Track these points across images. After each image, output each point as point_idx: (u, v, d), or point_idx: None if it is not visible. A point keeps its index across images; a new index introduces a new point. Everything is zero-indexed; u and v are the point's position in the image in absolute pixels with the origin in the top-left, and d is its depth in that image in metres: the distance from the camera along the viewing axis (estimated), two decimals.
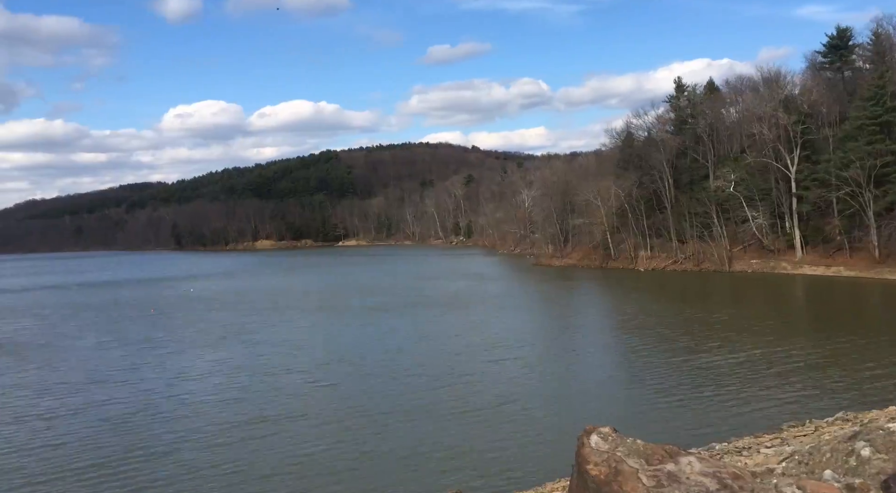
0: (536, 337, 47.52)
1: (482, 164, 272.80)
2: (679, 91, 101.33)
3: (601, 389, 32.46)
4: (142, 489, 21.89)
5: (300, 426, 27.81)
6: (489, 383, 33.69)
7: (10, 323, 65.14)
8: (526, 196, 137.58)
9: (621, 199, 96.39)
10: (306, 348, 45.61)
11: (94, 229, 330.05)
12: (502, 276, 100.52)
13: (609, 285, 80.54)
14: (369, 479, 21.86)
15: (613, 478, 6.46)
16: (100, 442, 26.80)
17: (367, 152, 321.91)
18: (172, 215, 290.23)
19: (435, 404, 30.07)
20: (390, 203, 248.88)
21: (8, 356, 46.70)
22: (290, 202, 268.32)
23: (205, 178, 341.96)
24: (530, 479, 20.00)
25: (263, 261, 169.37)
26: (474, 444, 24.70)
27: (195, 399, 32.91)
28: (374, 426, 27.33)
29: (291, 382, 35.87)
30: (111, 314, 69.23)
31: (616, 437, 7.32)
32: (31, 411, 31.96)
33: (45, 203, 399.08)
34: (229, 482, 22.06)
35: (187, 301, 78.96)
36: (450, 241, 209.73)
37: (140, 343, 49.43)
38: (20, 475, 23.44)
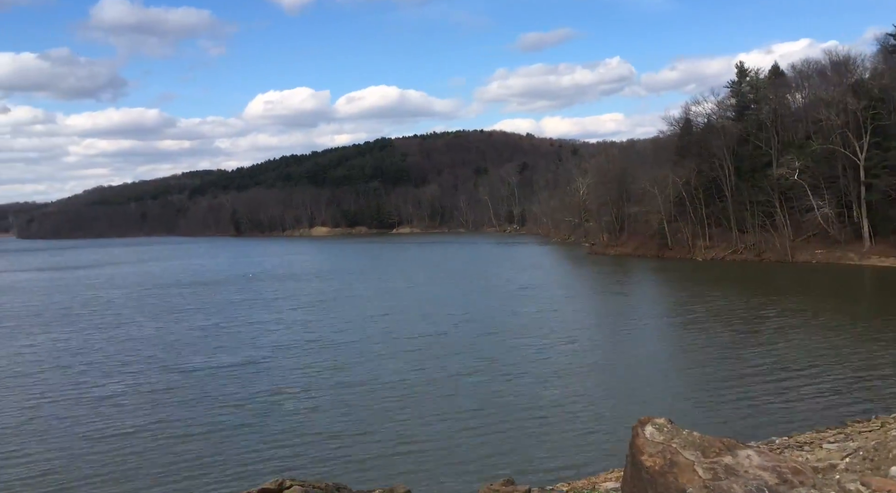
0: (590, 326, 47.07)
1: (536, 151, 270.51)
2: (741, 76, 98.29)
3: (656, 380, 31.99)
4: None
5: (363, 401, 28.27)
6: (542, 372, 33.57)
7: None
8: (581, 184, 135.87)
9: (679, 187, 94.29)
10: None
11: (158, 216, 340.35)
12: (556, 264, 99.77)
13: (666, 274, 79.06)
14: (421, 462, 22.08)
15: (668, 469, 6.40)
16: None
17: (422, 140, 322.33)
18: (232, 202, 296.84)
19: (487, 393, 30.13)
20: (444, 191, 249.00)
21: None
22: (345, 190, 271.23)
23: (263, 165, 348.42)
24: (583, 469, 19.92)
25: (334, 248, 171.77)
26: (526, 432, 24.68)
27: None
28: (430, 409, 27.56)
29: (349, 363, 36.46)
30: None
31: (671, 428, 7.23)
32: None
33: (112, 190, 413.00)
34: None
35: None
36: (503, 229, 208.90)
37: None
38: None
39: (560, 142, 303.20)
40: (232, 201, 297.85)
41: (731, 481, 4.55)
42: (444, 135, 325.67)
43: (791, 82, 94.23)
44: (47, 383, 34.97)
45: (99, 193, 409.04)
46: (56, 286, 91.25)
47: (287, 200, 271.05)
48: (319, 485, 10.39)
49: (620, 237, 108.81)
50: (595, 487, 12.38)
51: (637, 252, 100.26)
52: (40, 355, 42.94)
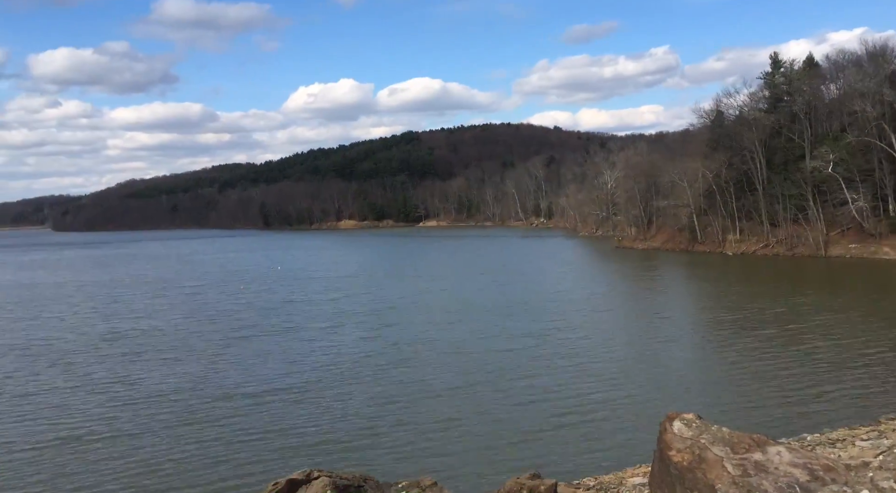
0: (618, 321, 46.76)
1: (564, 144, 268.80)
2: (775, 68, 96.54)
3: (685, 375, 31.69)
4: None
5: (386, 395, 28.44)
6: (570, 366, 33.45)
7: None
8: (608, 177, 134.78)
9: (709, 180, 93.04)
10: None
11: (188, 209, 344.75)
12: (583, 258, 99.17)
13: (695, 269, 78.18)
14: (448, 454, 22.15)
15: (697, 465, 6.35)
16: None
17: (449, 133, 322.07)
18: (261, 195, 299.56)
19: (514, 387, 30.11)
20: (471, 184, 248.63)
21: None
22: (373, 183, 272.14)
23: (292, 159, 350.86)
24: (610, 464, 19.82)
25: (371, 243, 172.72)
26: (553, 426, 24.63)
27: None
28: (456, 402, 27.63)
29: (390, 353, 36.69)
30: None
31: (700, 424, 7.17)
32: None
33: (144, 183, 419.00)
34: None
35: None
36: (530, 222, 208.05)
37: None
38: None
39: (588, 135, 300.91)
40: (261, 195, 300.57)
41: (761, 477, 4.49)
42: (471, 128, 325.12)
43: (826, 73, 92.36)
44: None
45: (131, 187, 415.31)
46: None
47: (315, 194, 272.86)
48: (346, 476, 10.47)
49: (649, 231, 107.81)
50: (622, 482, 12.32)
51: (666, 246, 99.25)
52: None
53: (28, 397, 31.23)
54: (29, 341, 45.46)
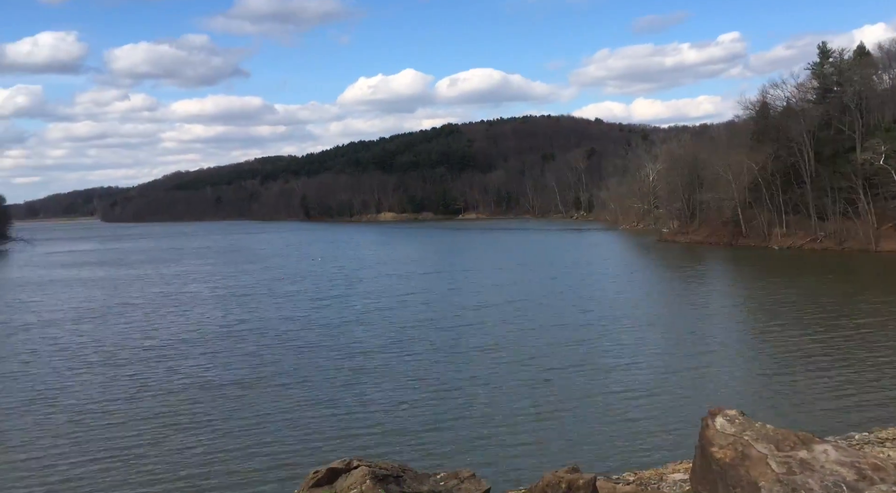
0: (660, 315, 46.19)
1: (605, 136, 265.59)
2: (823, 57, 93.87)
3: (728, 371, 31.19)
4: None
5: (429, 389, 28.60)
6: (610, 360, 33.21)
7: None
8: (651, 170, 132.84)
9: (755, 173, 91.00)
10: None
11: (231, 200, 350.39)
12: (625, 252, 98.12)
13: (740, 263, 76.71)
14: (487, 447, 22.20)
15: (740, 462, 6.26)
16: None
17: (489, 125, 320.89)
18: (302, 187, 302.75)
19: (555, 380, 30.02)
20: (510, 176, 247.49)
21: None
22: (412, 175, 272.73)
23: (332, 151, 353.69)
24: (650, 459, 19.63)
25: (411, 234, 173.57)
26: (593, 420, 24.51)
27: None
28: (495, 395, 27.66)
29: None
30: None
31: (743, 420, 7.06)
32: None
33: (189, 175, 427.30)
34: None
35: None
36: (570, 215, 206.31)
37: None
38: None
39: (630, 127, 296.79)
40: (302, 187, 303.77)
41: (807, 475, 4.41)
42: (511, 120, 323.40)
43: (878, 63, 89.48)
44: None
45: (177, 178, 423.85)
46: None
47: (355, 186, 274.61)
48: (385, 466, 10.57)
49: (691, 224, 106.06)
50: (662, 477, 12.19)
51: (709, 240, 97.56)
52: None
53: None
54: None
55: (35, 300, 63.75)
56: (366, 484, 9.84)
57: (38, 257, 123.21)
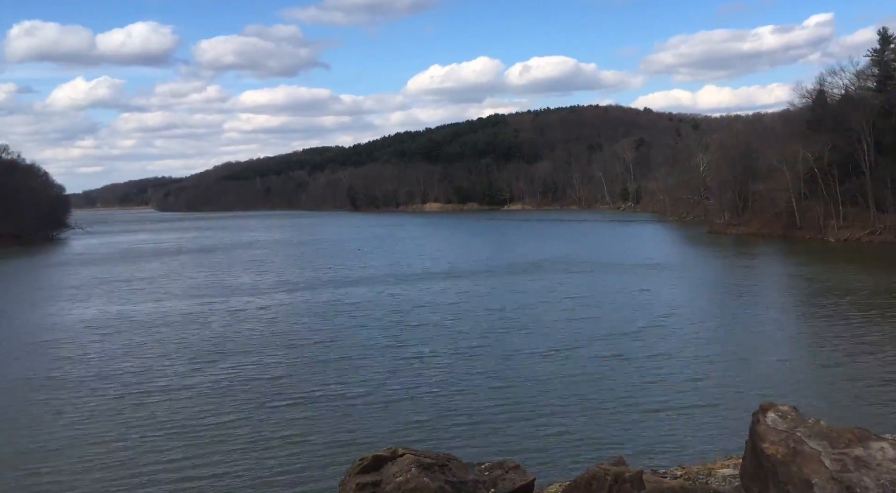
0: (710, 308, 45.36)
1: (654, 126, 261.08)
2: (884, 44, 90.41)
3: (781, 365, 30.49)
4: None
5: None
6: (659, 354, 32.78)
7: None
8: (701, 160, 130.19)
9: (810, 163, 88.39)
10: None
11: (280, 190, 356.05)
12: (674, 243, 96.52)
13: (794, 256, 74.69)
14: (533, 438, 22.18)
15: (792, 459, 6.14)
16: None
17: (535, 116, 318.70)
18: (349, 178, 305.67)
19: (601, 372, 29.78)
20: (556, 167, 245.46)
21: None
22: (458, 166, 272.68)
23: (379, 142, 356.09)
24: (698, 454, 19.37)
25: (460, 224, 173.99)
26: (640, 413, 24.25)
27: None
28: (544, 387, 27.60)
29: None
30: None
31: (796, 416, 6.91)
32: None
33: (239, 165, 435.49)
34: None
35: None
36: (617, 206, 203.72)
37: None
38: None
39: (679, 116, 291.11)
40: (349, 177, 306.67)
41: (862, 473, 4.30)
42: (557, 110, 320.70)
43: None
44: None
45: (227, 169, 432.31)
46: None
47: (401, 176, 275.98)
48: (430, 455, 10.67)
49: (743, 216, 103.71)
50: (711, 473, 12.00)
51: (761, 232, 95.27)
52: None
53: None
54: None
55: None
56: (411, 472, 9.96)
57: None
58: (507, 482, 10.46)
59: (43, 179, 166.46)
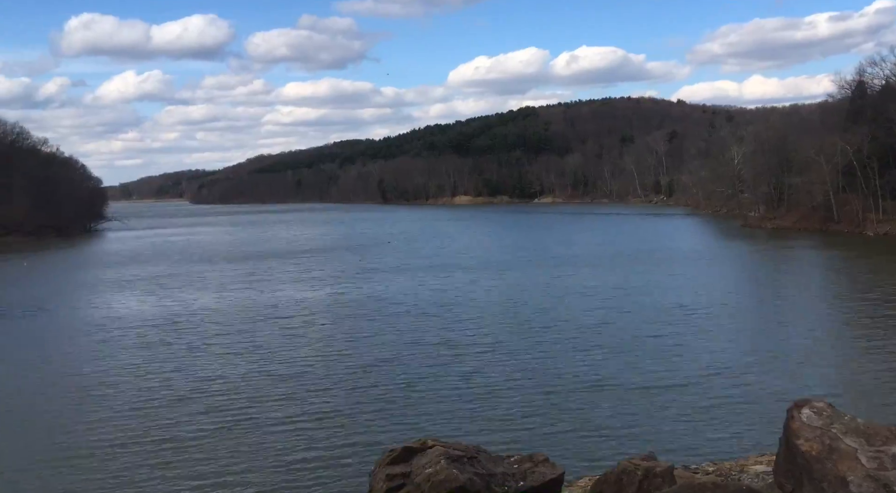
0: (745, 303, 44.71)
1: (687, 118, 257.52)
2: None
3: (816, 360, 29.96)
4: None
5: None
6: (691, 348, 32.43)
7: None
8: (736, 153, 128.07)
9: (849, 155, 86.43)
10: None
11: (311, 183, 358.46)
12: (708, 237, 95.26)
13: (831, 250, 73.18)
14: (562, 432, 22.13)
15: (827, 456, 6.05)
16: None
17: (566, 108, 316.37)
18: (379, 171, 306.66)
19: (633, 367, 29.56)
20: (587, 160, 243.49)
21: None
22: (488, 158, 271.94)
23: (409, 135, 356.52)
24: (731, 450, 19.18)
25: (494, 218, 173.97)
26: (672, 409, 24.04)
27: None
28: (575, 381, 27.49)
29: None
30: None
31: (831, 413, 6.81)
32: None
33: (271, 158, 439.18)
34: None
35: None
36: (649, 199, 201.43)
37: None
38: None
39: (714, 108, 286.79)
40: (379, 170, 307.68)
41: None
42: (589, 102, 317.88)
43: None
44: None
45: (260, 162, 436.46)
46: None
47: (431, 169, 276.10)
48: (460, 447, 10.73)
49: (779, 209, 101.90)
50: (743, 469, 11.89)
51: (797, 225, 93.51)
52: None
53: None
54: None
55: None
56: (440, 464, 10.02)
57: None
58: (537, 476, 10.46)
59: (81, 171, 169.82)
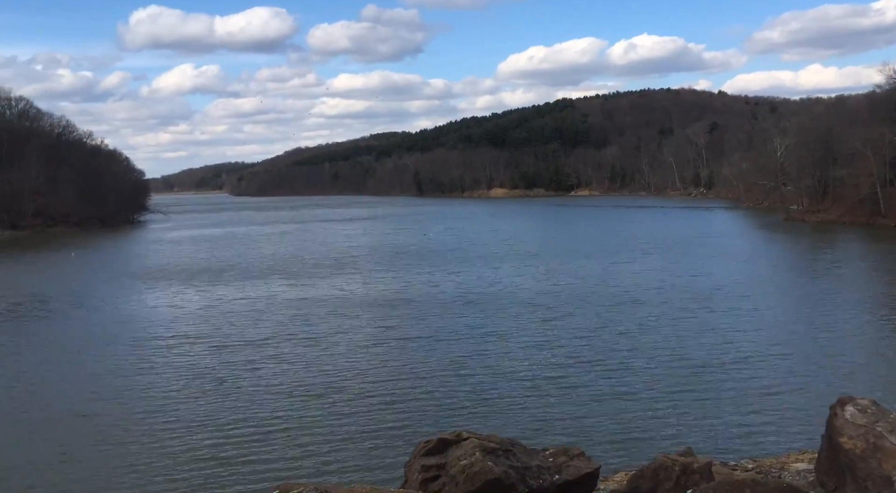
0: (788, 298, 43.87)
1: (728, 110, 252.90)
2: None
3: (860, 357, 29.27)
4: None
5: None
6: (730, 342, 31.95)
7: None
8: (779, 144, 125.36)
9: None
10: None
11: (348, 176, 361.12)
12: (750, 230, 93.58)
13: (878, 244, 71.24)
14: (597, 426, 22.01)
15: (871, 454, 5.91)
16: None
17: (604, 100, 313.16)
18: (415, 163, 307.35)
19: (671, 362, 29.23)
20: (625, 152, 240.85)
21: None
22: (524, 151, 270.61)
23: (445, 127, 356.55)
24: (770, 447, 18.87)
25: (536, 211, 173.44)
26: (711, 404, 23.72)
27: None
28: (611, 375, 27.32)
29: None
30: None
31: (876, 410, 6.65)
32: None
33: (308, 151, 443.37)
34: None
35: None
36: (688, 192, 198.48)
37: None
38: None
39: (756, 99, 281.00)
40: (415, 163, 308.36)
41: None
42: (627, 94, 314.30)
43: None
44: None
45: (298, 154, 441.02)
46: None
47: (467, 162, 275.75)
48: (494, 439, 10.74)
49: (823, 203, 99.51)
50: (784, 466, 11.69)
51: (842, 219, 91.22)
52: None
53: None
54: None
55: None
56: (475, 456, 10.04)
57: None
58: (572, 469, 10.42)
59: (125, 163, 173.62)
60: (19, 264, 76.62)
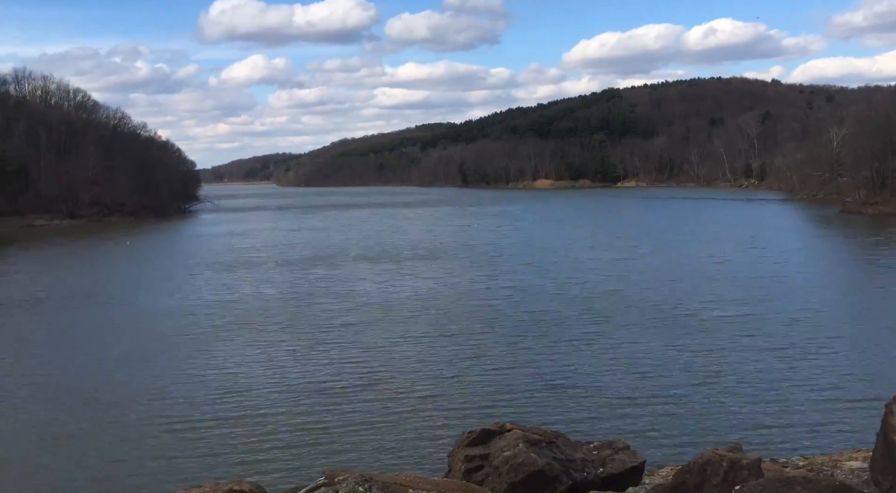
0: (843, 293, 42.71)
1: (782, 99, 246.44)
2: None
3: None
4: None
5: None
6: (781, 336, 31.23)
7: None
8: (835, 134, 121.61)
9: None
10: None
11: (393, 166, 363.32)
12: (804, 223, 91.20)
13: None
14: (644, 420, 21.78)
15: None
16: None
17: (652, 89, 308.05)
18: (460, 154, 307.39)
19: (721, 357, 28.73)
20: (674, 143, 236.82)
21: None
22: (570, 142, 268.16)
23: (490, 118, 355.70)
24: (823, 445, 18.43)
25: (586, 203, 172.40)
26: (760, 399, 23.24)
27: None
28: (659, 369, 27.00)
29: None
30: None
31: None
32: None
33: (354, 142, 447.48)
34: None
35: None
36: (739, 184, 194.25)
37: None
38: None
39: (812, 88, 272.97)
40: (460, 153, 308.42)
41: None
42: (676, 83, 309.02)
43: None
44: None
45: (343, 146, 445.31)
46: None
47: (512, 152, 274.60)
48: (538, 431, 10.73)
49: (881, 194, 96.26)
50: (837, 464, 11.40)
51: None
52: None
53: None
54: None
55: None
56: (518, 448, 10.05)
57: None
58: (617, 463, 10.36)
59: (176, 154, 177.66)
60: (87, 250, 79.64)
